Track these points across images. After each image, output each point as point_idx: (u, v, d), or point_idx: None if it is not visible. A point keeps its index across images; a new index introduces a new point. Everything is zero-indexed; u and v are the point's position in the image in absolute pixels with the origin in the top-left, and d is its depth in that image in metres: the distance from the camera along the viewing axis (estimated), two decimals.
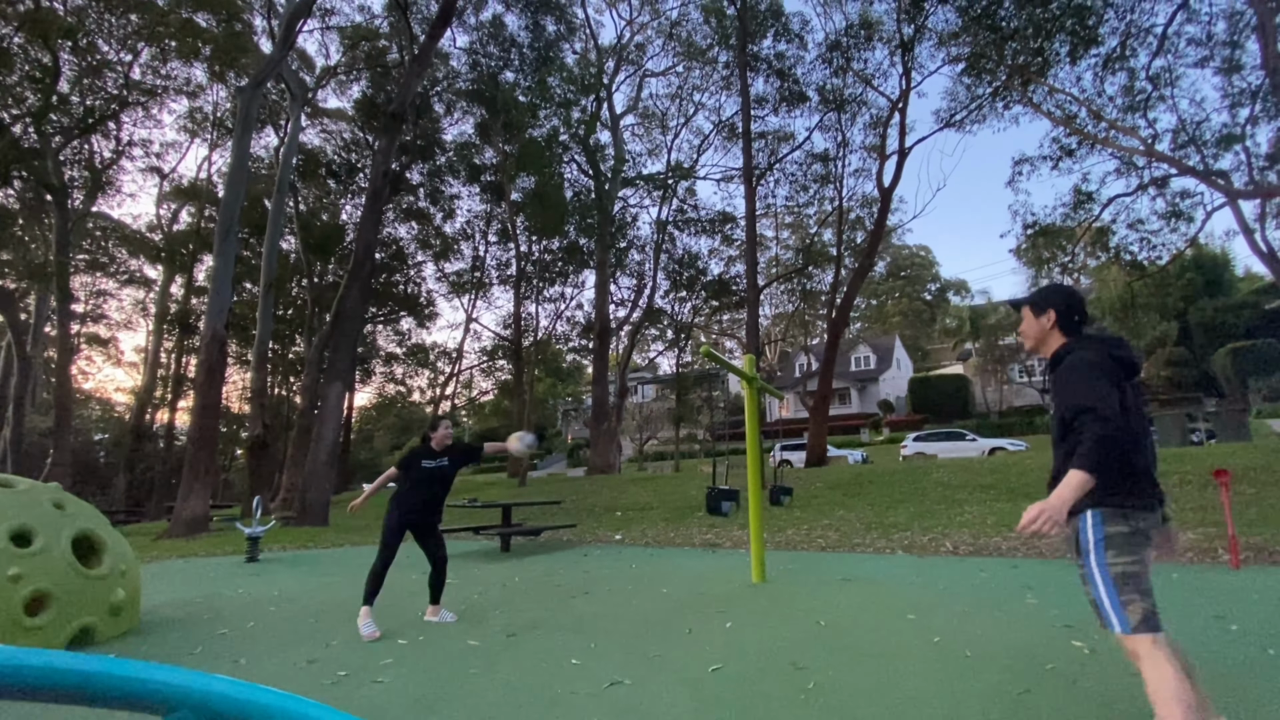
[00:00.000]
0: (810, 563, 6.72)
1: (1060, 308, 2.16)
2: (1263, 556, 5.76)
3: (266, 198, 24.90)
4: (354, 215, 28.31)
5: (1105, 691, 2.72)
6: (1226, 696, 2.59)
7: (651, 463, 37.93)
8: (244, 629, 4.42)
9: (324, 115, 27.08)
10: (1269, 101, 14.74)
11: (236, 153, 14.33)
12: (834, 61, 19.07)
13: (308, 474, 13.73)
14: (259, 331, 18.38)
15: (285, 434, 29.01)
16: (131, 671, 0.59)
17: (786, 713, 2.61)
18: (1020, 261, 22.61)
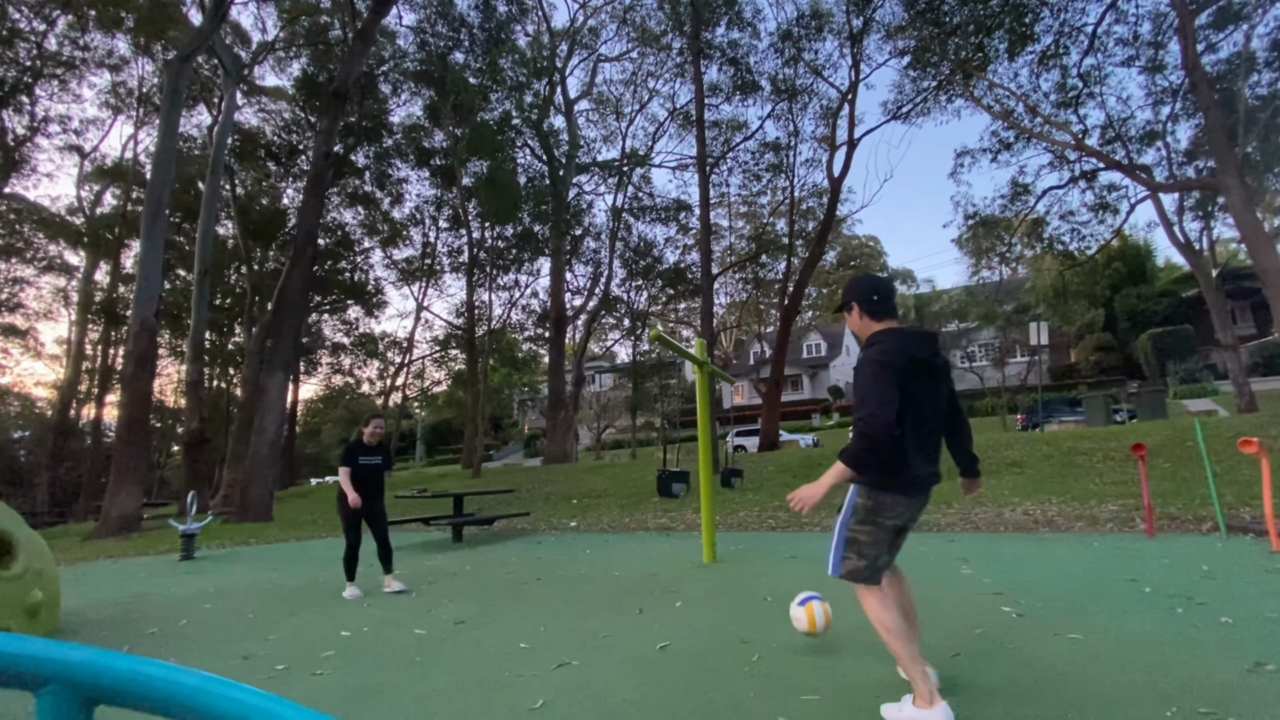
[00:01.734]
0: (760, 542, 6.86)
1: (859, 298, 2.41)
2: (1175, 525, 6.18)
3: (200, 180, 23.59)
4: (296, 199, 27.12)
5: (1029, 651, 2.87)
6: (1145, 652, 2.78)
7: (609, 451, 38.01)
8: (175, 628, 4.22)
9: (261, 93, 25.77)
10: (1188, 100, 15.66)
11: (165, 130, 13.50)
12: (785, 51, 19.26)
13: (249, 468, 13.20)
14: (194, 321, 17.46)
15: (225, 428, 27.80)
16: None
17: (731, 684, 2.66)
18: (962, 251, 23.46)
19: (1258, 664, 2.54)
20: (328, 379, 34.62)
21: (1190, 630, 3.03)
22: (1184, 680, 2.43)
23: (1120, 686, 2.42)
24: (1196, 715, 2.13)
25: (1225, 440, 8.58)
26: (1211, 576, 4.05)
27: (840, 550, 2.30)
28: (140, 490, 12.69)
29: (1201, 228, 18.77)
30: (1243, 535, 5.40)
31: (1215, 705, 2.19)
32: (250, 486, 12.98)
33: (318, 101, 22.31)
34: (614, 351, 39.64)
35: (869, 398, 2.13)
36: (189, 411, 17.96)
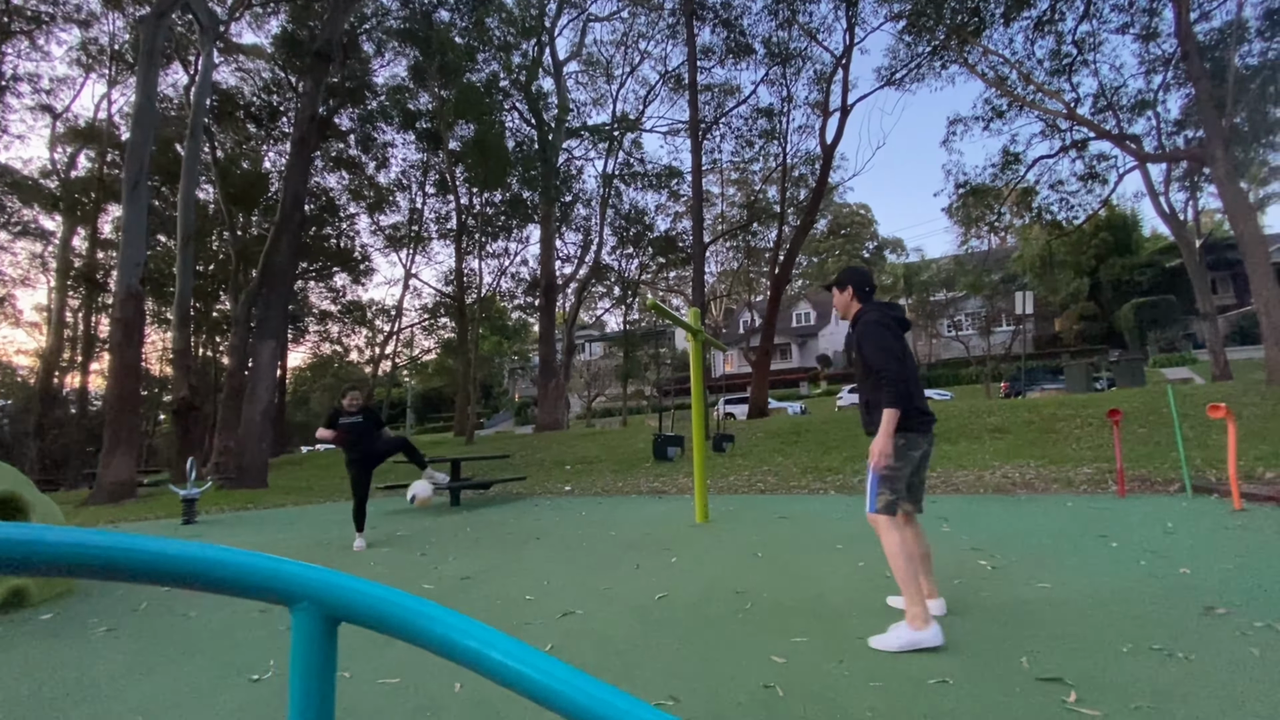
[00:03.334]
0: (750, 504, 7.11)
1: (855, 283, 2.96)
2: (1145, 486, 6.47)
3: (178, 142, 22.98)
4: (278, 163, 26.53)
5: (1003, 599, 3.09)
6: (1108, 598, 3.01)
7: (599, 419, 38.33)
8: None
9: (239, 51, 24.93)
10: (1179, 69, 15.66)
11: (142, 91, 13.12)
12: (780, 13, 18.91)
13: (243, 435, 13.26)
14: (179, 288, 17.22)
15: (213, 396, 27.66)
16: (261, 563, 0.61)
17: (727, 630, 2.86)
18: (952, 220, 23.56)
19: (1208, 608, 2.77)
20: (316, 347, 34.41)
21: (1150, 580, 3.26)
22: (1141, 622, 2.65)
23: (1083, 627, 2.64)
24: (1149, 651, 2.35)
25: (1198, 406, 8.89)
26: (1174, 533, 4.31)
27: (876, 488, 2.68)
28: (134, 457, 12.73)
29: (1187, 198, 18.98)
30: (1208, 495, 5.69)
31: (1166, 643, 2.41)
32: (245, 453, 13.07)
33: (298, 61, 21.64)
34: (604, 320, 39.63)
35: (885, 351, 2.64)
36: (176, 380, 17.85)
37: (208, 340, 30.07)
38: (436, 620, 0.61)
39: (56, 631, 3.40)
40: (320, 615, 0.63)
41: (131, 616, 3.66)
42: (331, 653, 0.65)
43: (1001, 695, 2.08)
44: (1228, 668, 2.16)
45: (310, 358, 36.44)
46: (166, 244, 26.22)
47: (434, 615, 0.62)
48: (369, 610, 0.62)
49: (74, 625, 3.51)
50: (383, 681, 2.49)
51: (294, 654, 0.64)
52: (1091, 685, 2.10)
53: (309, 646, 0.63)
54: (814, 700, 2.10)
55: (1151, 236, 38.25)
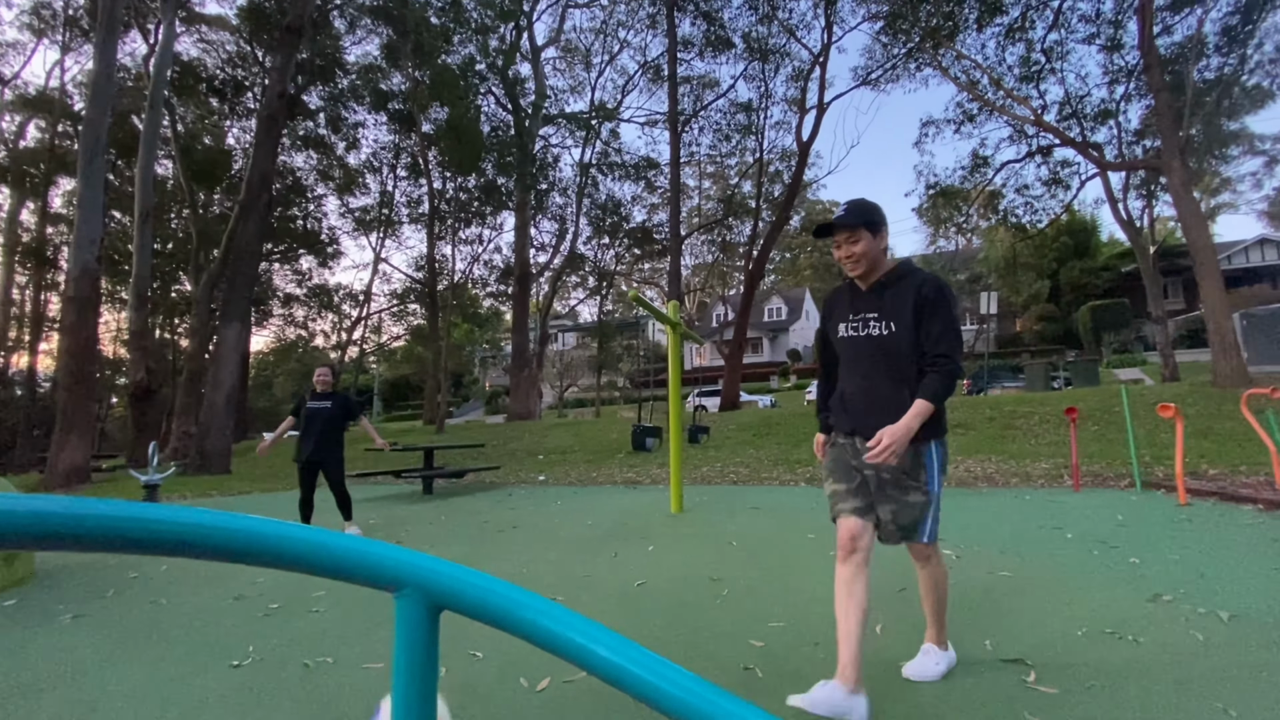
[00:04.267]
0: (724, 495, 7.23)
1: (885, 223, 2.11)
2: (1098, 481, 6.78)
3: (135, 114, 22.07)
4: (242, 139, 25.70)
5: (967, 585, 3.24)
6: (1064, 586, 3.18)
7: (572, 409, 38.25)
8: (157, 572, 4.28)
9: (202, 21, 23.98)
10: (1141, 81, 16.23)
11: (100, 60, 12.55)
12: (760, 8, 18.99)
13: (205, 420, 12.91)
14: (136, 267, 16.58)
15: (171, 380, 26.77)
16: (366, 548, 0.60)
17: (705, 615, 2.94)
18: (922, 220, 24.06)
19: (1156, 595, 2.95)
20: (280, 330, 33.54)
21: (1103, 569, 3.45)
22: (1094, 608, 2.81)
23: (1041, 612, 2.79)
24: (1102, 634, 2.50)
25: (1148, 406, 9.33)
26: (1125, 525, 4.55)
27: (937, 510, 2.12)
28: (88, 441, 12.29)
29: (1144, 206, 19.71)
30: (1156, 490, 6.00)
31: (1117, 626, 2.57)
32: (207, 438, 12.72)
33: (265, 35, 20.92)
34: (578, 311, 39.48)
35: (954, 334, 1.99)
36: (133, 362, 17.23)
37: (165, 322, 29.05)
38: (543, 613, 0.60)
39: (21, 619, 3.31)
40: (424, 603, 0.62)
41: (99, 603, 3.58)
42: (434, 641, 0.64)
43: (968, 676, 2.20)
44: (1174, 650, 2.32)
45: (274, 342, 35.50)
46: (122, 221, 25.22)
47: (540, 608, 0.61)
48: (474, 599, 0.61)
49: (39, 613, 3.42)
50: (368, 667, 2.49)
51: (397, 642, 0.63)
52: (1050, 666, 2.24)
53: (412, 634, 0.62)
54: (792, 681, 2.19)
55: (1109, 241, 39.70)
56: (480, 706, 2.11)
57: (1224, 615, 2.63)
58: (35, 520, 0.50)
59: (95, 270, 12.65)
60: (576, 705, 2.10)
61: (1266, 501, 4.86)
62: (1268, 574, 3.20)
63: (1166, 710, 1.89)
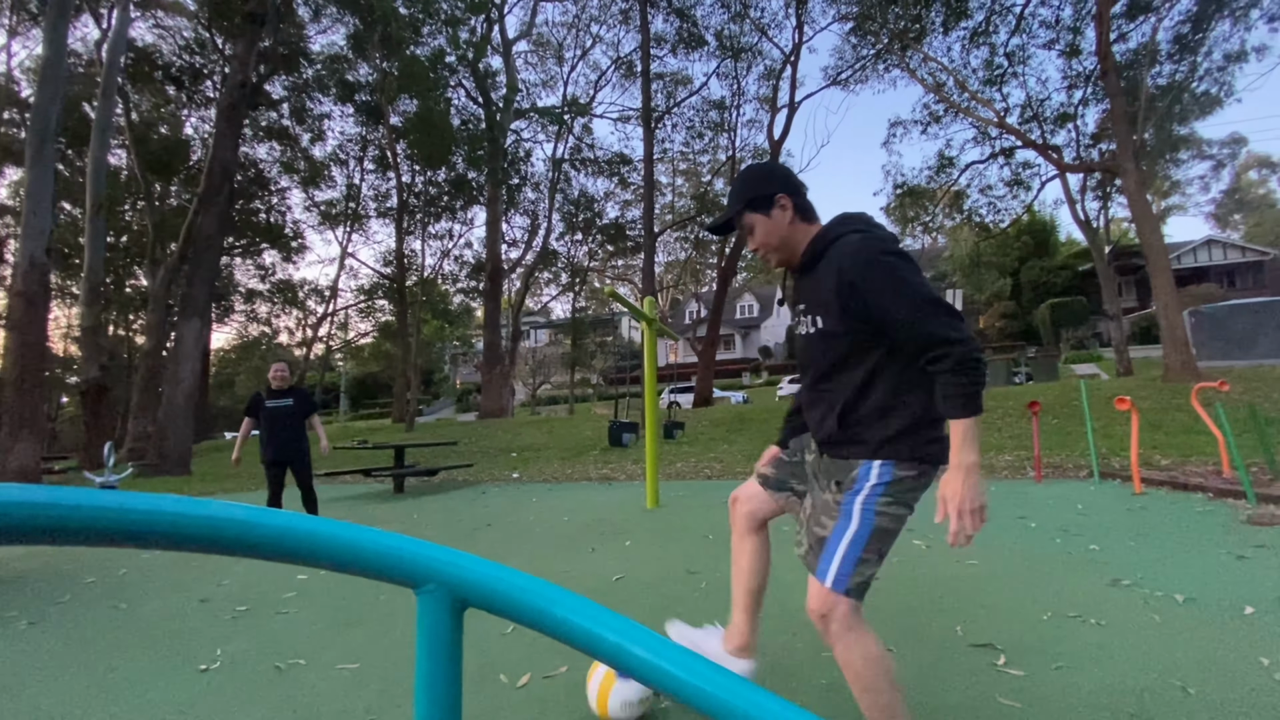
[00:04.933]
0: (698, 490, 7.27)
1: (790, 188, 1.54)
2: (1059, 472, 7.02)
3: (86, 101, 21.17)
4: (201, 129, 24.89)
5: (937, 576, 3.32)
6: (1029, 573, 3.28)
7: (545, 406, 38.04)
8: (115, 576, 4.13)
9: (158, 6, 23.06)
10: (1098, 86, 16.79)
11: (50, 44, 11.99)
12: (732, 6, 19.10)
13: (164, 419, 12.48)
14: (88, 261, 15.93)
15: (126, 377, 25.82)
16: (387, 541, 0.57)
17: (685, 608, 2.95)
18: (890, 219, 24.49)
19: (1115, 580, 3.07)
20: (243, 327, 32.61)
21: (1065, 556, 3.57)
22: (1058, 593, 2.91)
23: (1008, 598, 2.88)
24: (1066, 618, 2.59)
25: (1104, 399, 9.68)
26: (1085, 514, 4.72)
27: (857, 548, 1.45)
28: (39, 441, 11.77)
29: (1100, 207, 20.43)
30: (1113, 480, 6.23)
31: (1081, 610, 2.66)
32: (166, 439, 12.30)
33: (225, 21, 20.24)
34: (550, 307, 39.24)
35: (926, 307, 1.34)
36: (86, 359, 16.56)
37: (120, 317, 27.99)
38: (574, 610, 0.57)
39: None
40: (448, 598, 0.59)
41: (55, 609, 3.44)
42: (458, 638, 0.61)
43: (939, 660, 2.26)
44: (1133, 631, 2.42)
45: (236, 339, 34.50)
46: (73, 212, 24.19)
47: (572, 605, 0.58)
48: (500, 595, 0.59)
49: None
50: (342, 668, 2.45)
51: (420, 639, 0.60)
52: (1017, 649, 2.31)
53: (435, 631, 0.60)
54: (772, 672, 2.22)
55: (1067, 241, 41.04)
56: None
57: (1179, 598, 2.75)
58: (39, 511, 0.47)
59: (45, 264, 12.12)
60: (557, 702, 2.09)
61: (1215, 490, 5.10)
62: (1218, 558, 3.36)
63: (1128, 689, 1.97)
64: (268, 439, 5.23)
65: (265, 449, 5.24)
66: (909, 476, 1.45)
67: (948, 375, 1.33)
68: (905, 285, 1.35)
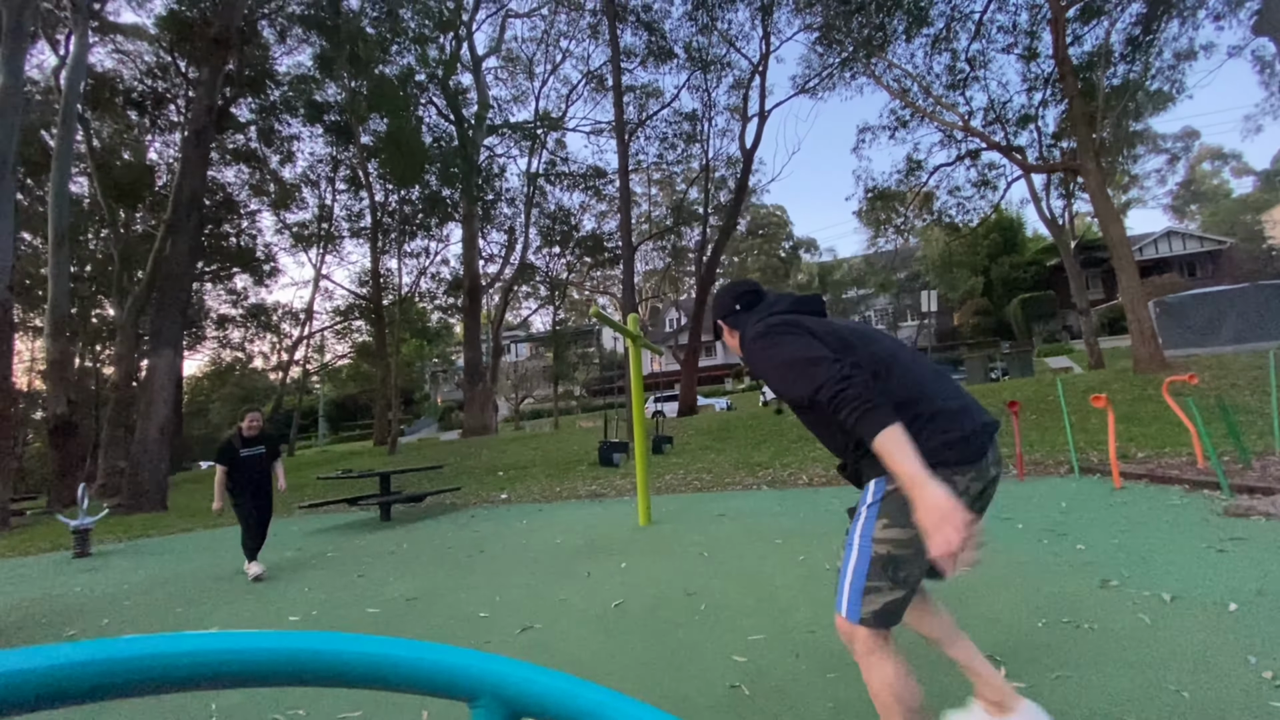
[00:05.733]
0: (689, 503, 7.28)
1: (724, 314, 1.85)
2: (1040, 469, 7.16)
3: (45, 129, 20.67)
4: (165, 154, 24.44)
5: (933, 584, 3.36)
6: (1020, 577, 3.33)
7: (529, 421, 37.80)
8: (98, 627, 4.00)
9: (117, 32, 22.69)
10: (1056, 87, 17.29)
11: (6, 72, 11.70)
12: (700, 19, 19.34)
13: (137, 454, 12.15)
14: (51, 293, 15.51)
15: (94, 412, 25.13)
16: (438, 655, 0.56)
17: (687, 633, 2.95)
18: (862, 222, 24.91)
19: (1105, 580, 3.14)
20: (215, 354, 31.94)
21: (1053, 557, 3.64)
22: (1051, 597, 2.97)
23: (1002, 605, 2.93)
24: (1060, 624, 2.65)
25: (1079, 394, 9.91)
26: (1068, 512, 4.82)
27: (861, 575, 1.52)
28: (6, 484, 11.38)
29: (1064, 204, 20.98)
30: (1092, 476, 6.38)
31: (1073, 615, 2.72)
32: (140, 474, 11.96)
33: (188, 44, 19.95)
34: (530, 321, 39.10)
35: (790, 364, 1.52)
36: (52, 394, 16.10)
37: (86, 349, 27.23)
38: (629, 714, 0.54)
39: None
40: (502, 712, 0.56)
41: None
42: None
43: (942, 675, 2.29)
44: (1126, 635, 2.48)
45: (209, 365, 33.78)
46: (34, 243, 23.55)
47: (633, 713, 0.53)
48: (557, 704, 0.56)
49: None
50: None
51: None
52: (1017, 659, 2.36)
53: None
54: (779, 697, 2.23)
55: (1034, 237, 42.02)
56: None
57: (1166, 597, 2.82)
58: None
59: (7, 299, 11.77)
60: None
61: (1191, 482, 5.24)
62: (1199, 553, 3.45)
63: (1127, 695, 2.02)
64: (242, 488, 5.39)
65: (239, 497, 5.38)
66: (896, 489, 1.45)
67: (835, 416, 1.40)
68: (768, 361, 1.57)
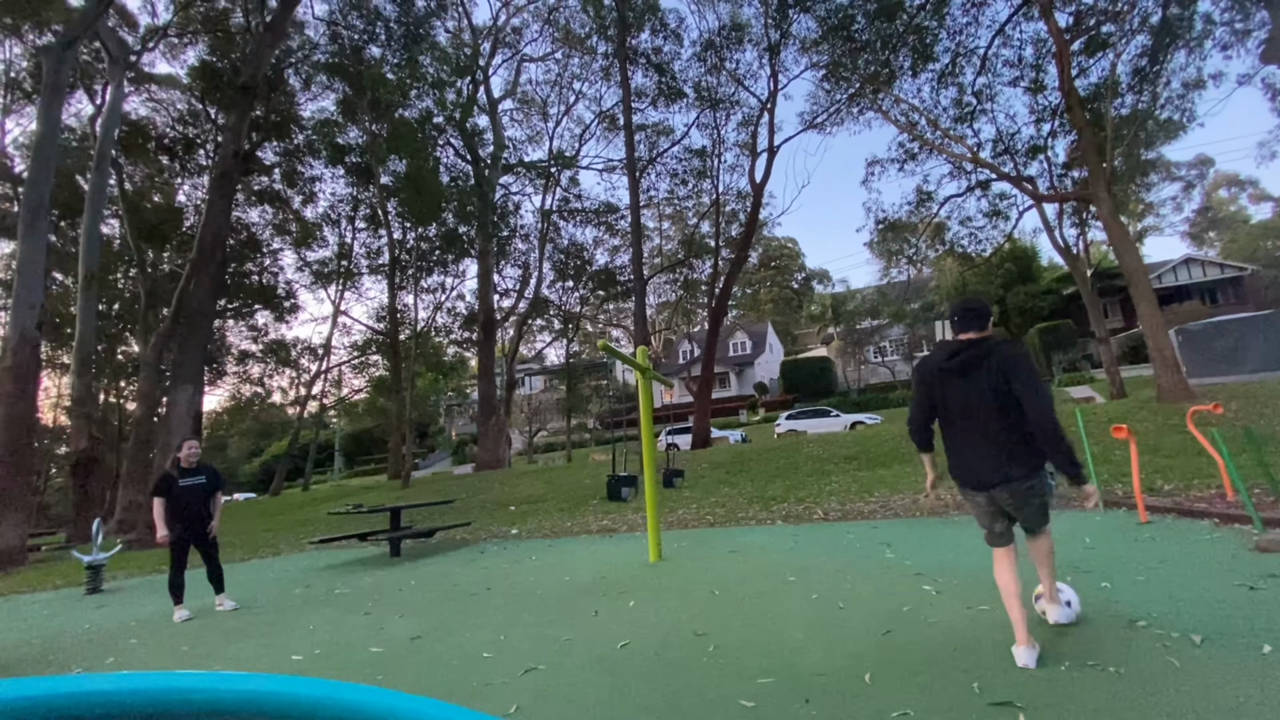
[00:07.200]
0: (701, 539, 7.15)
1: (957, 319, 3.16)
2: (1062, 502, 6.92)
3: (80, 174, 21.55)
4: (193, 196, 25.31)
5: (950, 623, 3.24)
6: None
7: (542, 454, 37.68)
8: (101, 665, 3.98)
9: (151, 81, 23.78)
10: (1064, 118, 17.39)
11: (44, 122, 12.28)
12: (708, 60, 19.84)
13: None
14: (79, 331, 15.94)
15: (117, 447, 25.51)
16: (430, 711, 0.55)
17: (693, 676, 2.86)
18: (873, 254, 24.94)
19: (1131, 621, 3.01)
20: (235, 389, 32.44)
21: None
22: (1074, 639, 2.84)
23: None
24: (1085, 667, 2.53)
25: (1101, 424, 9.68)
26: (1093, 548, 4.66)
27: None
28: (25, 520, 11.52)
29: (1078, 234, 20.89)
30: (1117, 509, 6.18)
31: (1099, 658, 2.60)
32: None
33: (218, 93, 20.85)
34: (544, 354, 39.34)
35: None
36: (75, 430, 16.40)
37: (110, 385, 27.84)
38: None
39: None
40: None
41: None
42: None
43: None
44: (1154, 679, 2.35)
45: (228, 400, 34.27)
46: (64, 282, 24.32)
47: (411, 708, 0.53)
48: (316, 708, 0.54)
49: None
50: None
51: None
52: (1038, 706, 2.24)
53: None
54: None
55: (1049, 266, 41.75)
56: None
57: (1196, 639, 2.69)
58: None
59: (35, 337, 12.11)
60: None
61: (1221, 515, 5.05)
62: (1229, 590, 3.30)
63: None
64: (177, 518, 5.33)
65: (174, 526, 5.33)
66: None
67: None
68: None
